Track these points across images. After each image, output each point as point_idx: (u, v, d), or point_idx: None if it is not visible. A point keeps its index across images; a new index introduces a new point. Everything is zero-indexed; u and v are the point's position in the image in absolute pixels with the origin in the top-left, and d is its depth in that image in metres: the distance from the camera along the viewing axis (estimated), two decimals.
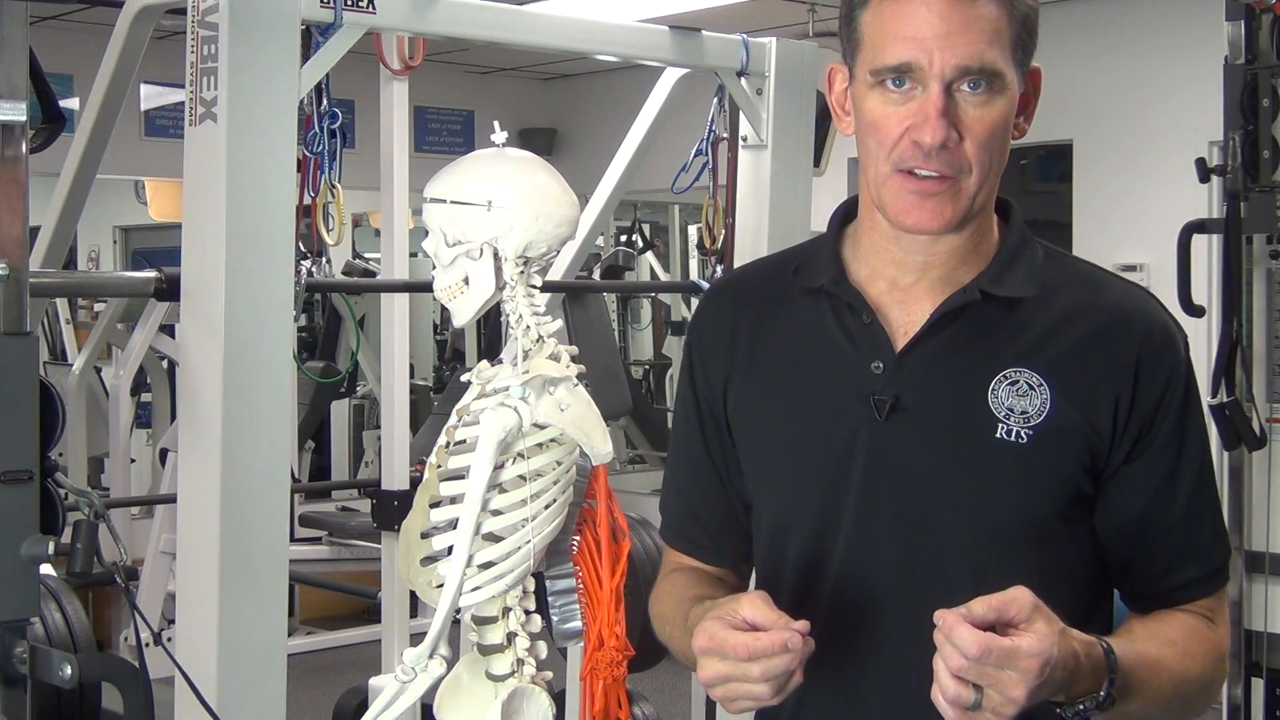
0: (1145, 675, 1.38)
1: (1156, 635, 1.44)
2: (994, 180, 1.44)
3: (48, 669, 2.06)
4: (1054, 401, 1.42)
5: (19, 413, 2.08)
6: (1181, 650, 1.44)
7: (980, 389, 1.42)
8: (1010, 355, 1.43)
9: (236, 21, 2.41)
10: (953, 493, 1.43)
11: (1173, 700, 1.43)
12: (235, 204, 2.43)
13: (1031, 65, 1.46)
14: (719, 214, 3.55)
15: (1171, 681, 1.42)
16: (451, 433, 1.66)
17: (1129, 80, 5.91)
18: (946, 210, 1.41)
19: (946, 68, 1.37)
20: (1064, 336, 1.44)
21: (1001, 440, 1.41)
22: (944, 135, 1.37)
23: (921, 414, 1.44)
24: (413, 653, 1.63)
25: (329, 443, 7.77)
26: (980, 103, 1.39)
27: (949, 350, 1.45)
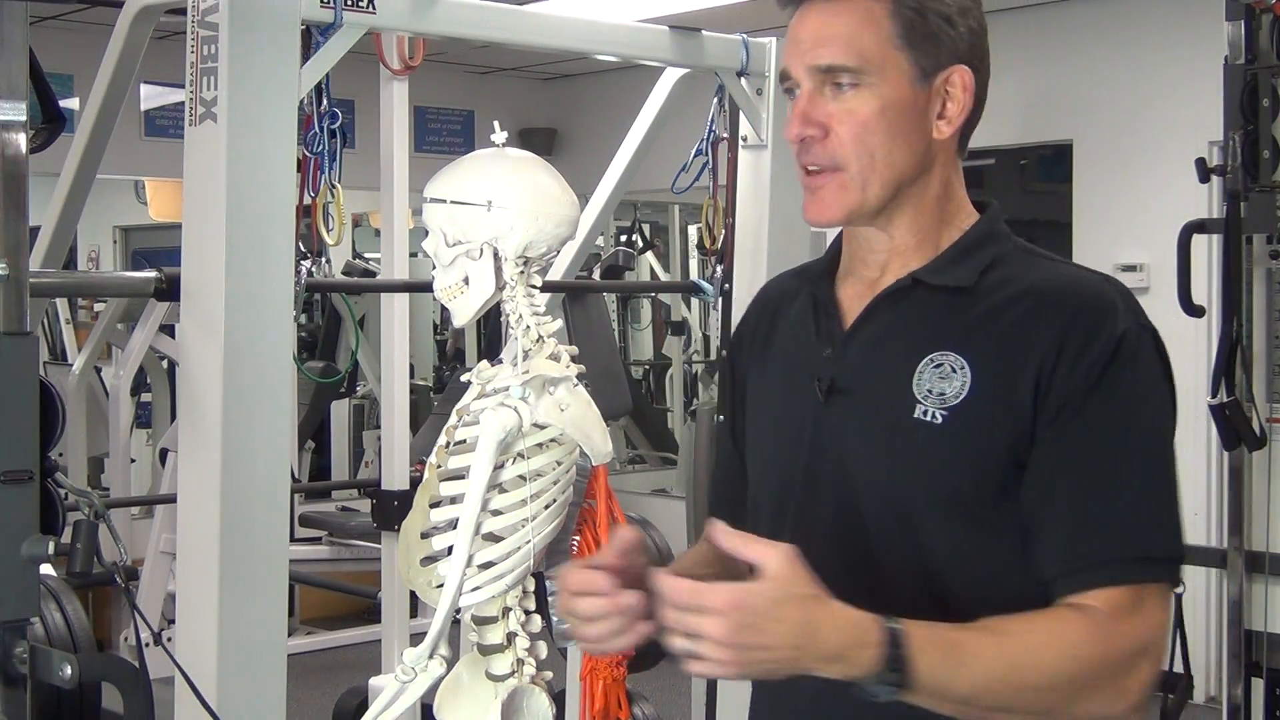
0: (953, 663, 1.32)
1: (988, 625, 1.37)
2: (885, 175, 1.47)
3: (48, 669, 2.06)
4: (974, 384, 1.42)
5: (19, 413, 2.08)
6: (1018, 642, 1.36)
7: (908, 372, 1.45)
8: (938, 340, 1.46)
9: (236, 21, 2.41)
10: (875, 472, 1.47)
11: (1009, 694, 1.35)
12: (235, 204, 2.43)
13: (952, 68, 1.48)
14: (719, 214, 3.55)
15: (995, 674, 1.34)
16: (451, 433, 1.66)
17: (1129, 80, 5.91)
18: (832, 202, 1.49)
19: (803, 69, 1.47)
20: (995, 321, 1.44)
21: (918, 420, 1.43)
22: (798, 129, 1.48)
23: (854, 396, 1.50)
24: (413, 653, 1.63)
25: (329, 443, 7.77)
26: (847, 97, 1.46)
27: (884, 335, 1.50)
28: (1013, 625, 1.37)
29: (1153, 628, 1.41)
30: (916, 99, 1.47)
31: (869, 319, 1.52)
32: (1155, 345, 1.45)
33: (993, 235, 1.52)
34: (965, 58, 1.50)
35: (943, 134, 1.49)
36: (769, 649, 1.28)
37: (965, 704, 1.35)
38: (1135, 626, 1.39)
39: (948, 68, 1.48)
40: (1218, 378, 3.74)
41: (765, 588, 1.29)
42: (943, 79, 1.48)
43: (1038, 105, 6.07)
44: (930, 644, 1.32)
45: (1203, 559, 4.66)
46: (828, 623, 1.30)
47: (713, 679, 3.51)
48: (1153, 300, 5.58)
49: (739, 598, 1.28)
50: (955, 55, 1.49)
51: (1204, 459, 5.54)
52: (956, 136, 1.51)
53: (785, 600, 1.29)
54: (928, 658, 1.31)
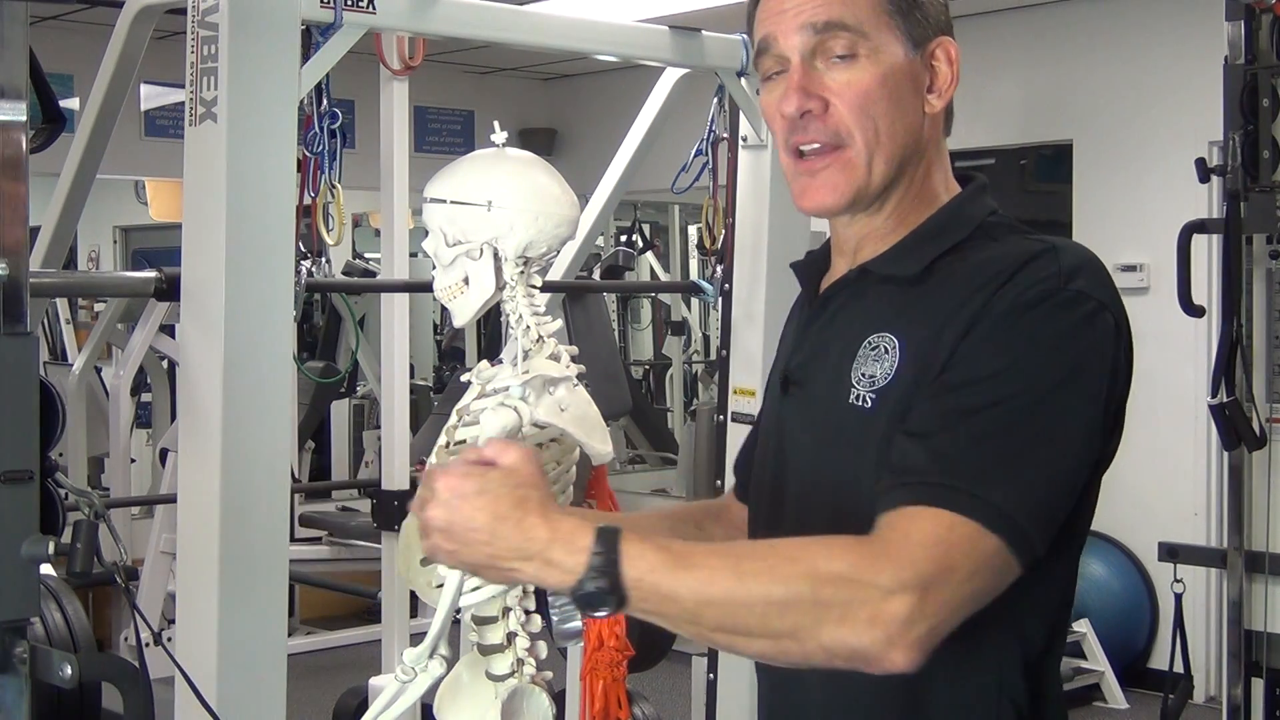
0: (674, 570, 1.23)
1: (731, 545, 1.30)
2: (890, 150, 1.41)
3: (48, 669, 2.06)
4: (901, 363, 1.36)
5: (19, 413, 2.07)
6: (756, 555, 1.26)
7: (849, 359, 1.41)
8: (877, 323, 1.41)
9: (236, 21, 2.41)
10: (816, 461, 1.44)
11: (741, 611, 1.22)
12: (235, 204, 2.43)
13: (938, 39, 1.44)
14: (719, 214, 3.55)
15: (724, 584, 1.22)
16: (451, 433, 1.65)
17: (1129, 80, 5.91)
18: (839, 183, 1.42)
19: (793, 34, 1.41)
20: (930, 298, 1.38)
21: (850, 406, 1.39)
22: (799, 102, 1.40)
23: (804, 388, 1.48)
24: (413, 653, 1.63)
25: (329, 443, 7.77)
26: (845, 68, 1.40)
27: (832, 325, 1.47)
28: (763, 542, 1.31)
29: (939, 564, 1.22)
30: (911, 69, 1.42)
31: (823, 309, 1.49)
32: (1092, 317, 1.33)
33: (956, 220, 1.44)
34: (946, 29, 1.45)
35: (934, 108, 1.45)
36: (473, 534, 1.25)
37: (695, 617, 1.23)
38: (913, 553, 1.22)
39: (935, 38, 1.44)
40: (1218, 378, 3.74)
41: (488, 475, 1.27)
42: (931, 49, 1.44)
43: (1038, 105, 6.07)
44: (647, 549, 1.23)
45: (1203, 559, 4.67)
46: (538, 519, 1.25)
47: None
48: (1153, 300, 5.61)
49: (456, 480, 1.26)
50: (938, 27, 1.44)
51: (1204, 459, 5.55)
52: (943, 112, 1.47)
53: (501, 490, 1.26)
54: (644, 562, 1.22)
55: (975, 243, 1.41)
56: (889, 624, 1.20)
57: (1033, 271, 1.33)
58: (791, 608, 1.22)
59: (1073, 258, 1.36)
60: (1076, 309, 1.32)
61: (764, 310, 3.38)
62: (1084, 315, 1.32)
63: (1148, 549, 5.18)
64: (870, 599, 1.21)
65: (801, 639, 1.22)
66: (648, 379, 9.04)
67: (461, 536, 1.26)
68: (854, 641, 1.21)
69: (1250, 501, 3.84)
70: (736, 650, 1.28)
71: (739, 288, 3.44)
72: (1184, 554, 4.21)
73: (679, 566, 1.23)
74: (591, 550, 1.23)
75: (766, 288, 3.38)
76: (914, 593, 1.21)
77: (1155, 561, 4.73)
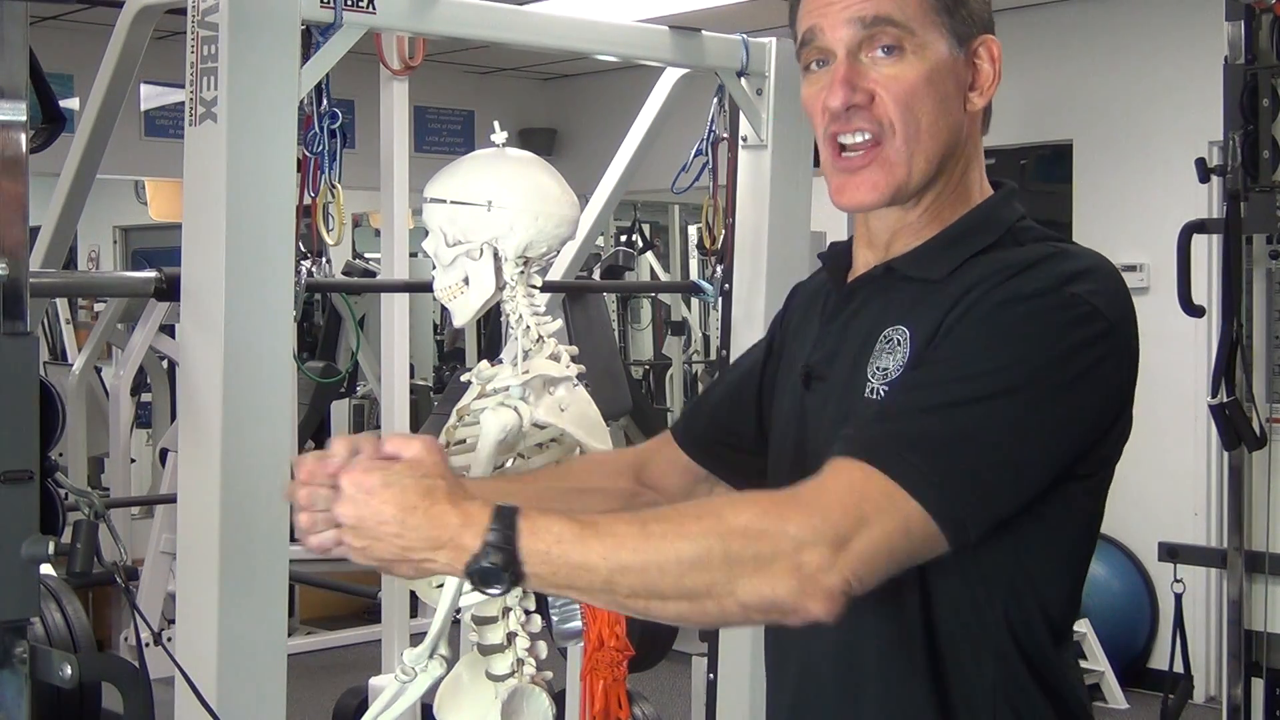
0: (578, 540, 1.21)
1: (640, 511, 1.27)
2: (930, 148, 1.41)
3: (48, 669, 2.06)
4: (910, 353, 1.37)
5: (19, 413, 2.07)
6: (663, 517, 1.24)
7: (866, 354, 1.41)
8: (892, 316, 1.41)
9: (236, 21, 2.41)
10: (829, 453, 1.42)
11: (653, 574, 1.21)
12: (235, 204, 2.43)
13: (981, 36, 1.44)
14: (719, 214, 3.55)
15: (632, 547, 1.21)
16: (451, 433, 1.66)
17: (1129, 80, 5.91)
18: (878, 180, 1.41)
19: (840, 27, 1.40)
20: (945, 293, 1.38)
21: (867, 399, 1.39)
22: (845, 95, 1.40)
23: (825, 381, 1.47)
24: (413, 653, 1.63)
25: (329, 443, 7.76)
26: (891, 63, 1.40)
27: (851, 319, 1.47)
28: (671, 506, 1.30)
29: (851, 516, 1.22)
30: (955, 67, 1.42)
31: (847, 303, 1.49)
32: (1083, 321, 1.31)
33: (986, 223, 1.44)
34: (989, 26, 1.46)
35: (975, 106, 1.45)
36: (383, 526, 1.23)
37: (609, 585, 1.21)
38: (827, 505, 1.22)
39: (979, 36, 1.44)
40: (1218, 378, 3.74)
41: (392, 469, 1.25)
42: (973, 47, 1.44)
43: (1038, 105, 6.07)
44: (549, 523, 1.22)
45: (1203, 559, 4.67)
46: (447, 507, 1.23)
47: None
48: (1153, 300, 5.61)
49: (360, 475, 1.25)
50: (983, 25, 1.45)
51: (1204, 459, 5.55)
52: (983, 110, 1.47)
53: (406, 482, 1.24)
54: (546, 534, 1.21)
55: (1001, 248, 1.41)
56: (803, 572, 1.20)
57: (1037, 271, 1.34)
58: (703, 564, 1.20)
59: (1080, 263, 1.37)
60: (1069, 310, 1.32)
61: (764, 310, 3.38)
62: (1075, 317, 1.32)
63: (1148, 549, 5.18)
64: (782, 549, 1.20)
65: (718, 595, 1.21)
66: (648, 379, 9.03)
67: (372, 531, 1.24)
68: (769, 592, 1.20)
69: (1250, 501, 3.84)
70: (654, 616, 1.25)
71: (739, 288, 3.44)
72: (1184, 554, 4.21)
73: (587, 536, 1.21)
74: (488, 526, 1.22)
75: (766, 288, 3.37)
76: (827, 542, 1.20)
77: (1155, 561, 4.73)
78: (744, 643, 3.24)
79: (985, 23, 1.45)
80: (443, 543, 1.23)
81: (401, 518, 1.23)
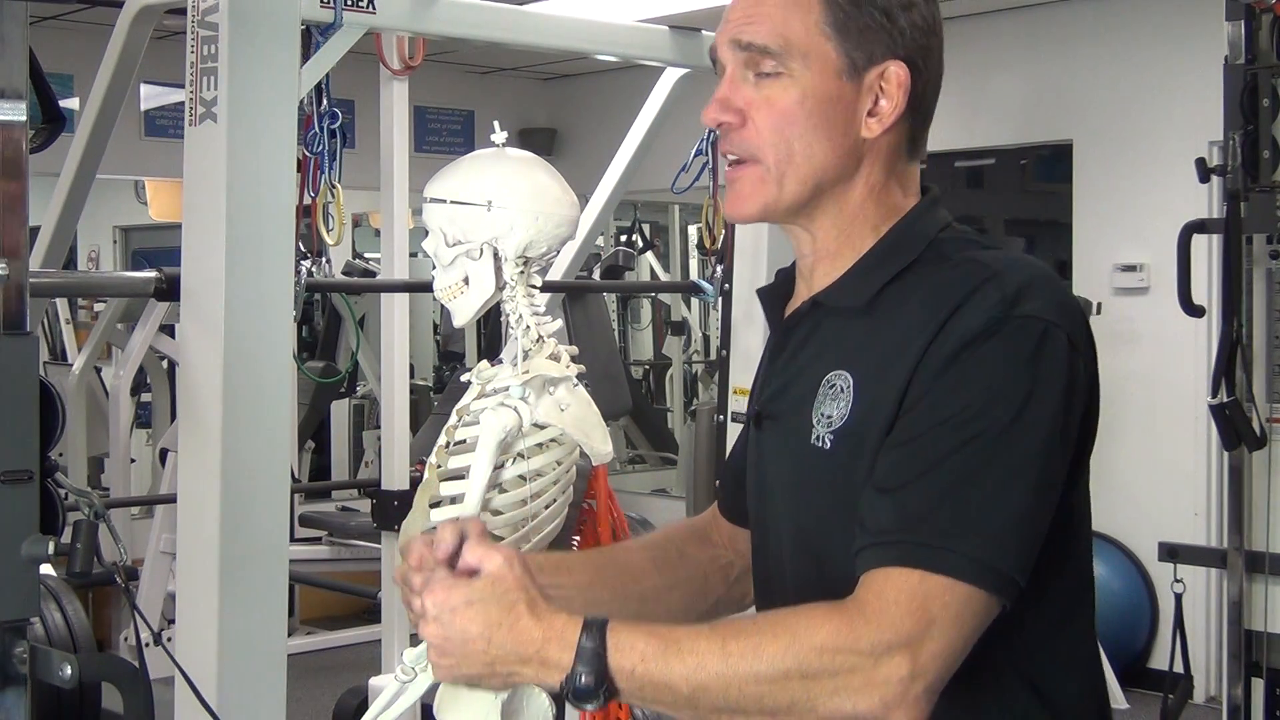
0: (662, 657, 1.24)
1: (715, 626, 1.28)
2: (804, 171, 1.40)
3: (48, 669, 2.06)
4: (855, 403, 1.35)
5: (19, 413, 2.07)
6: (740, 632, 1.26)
7: (810, 397, 1.40)
8: (833, 360, 1.40)
9: (236, 21, 2.41)
10: (784, 498, 1.45)
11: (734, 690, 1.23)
12: (235, 204, 2.44)
13: (886, 63, 1.39)
14: (719, 214, 3.55)
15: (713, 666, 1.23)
16: (451, 433, 1.66)
17: (1129, 80, 5.91)
18: (750, 195, 1.42)
19: (725, 46, 1.41)
20: (879, 334, 1.37)
21: (813, 447, 1.38)
22: (715, 114, 1.41)
23: (774, 423, 1.47)
24: (413, 653, 1.62)
25: (329, 443, 7.77)
26: (768, 84, 1.40)
27: (794, 359, 1.47)
28: (747, 619, 1.30)
29: (919, 620, 1.23)
30: (843, 93, 1.39)
31: (787, 339, 1.49)
32: (1043, 338, 1.30)
33: (902, 242, 1.42)
34: (904, 54, 1.40)
35: (872, 132, 1.40)
36: (470, 644, 1.27)
37: (692, 702, 1.25)
38: (894, 614, 1.23)
39: (882, 62, 1.39)
40: (1218, 378, 3.74)
41: (474, 585, 1.29)
42: (875, 74, 1.39)
43: (1038, 105, 6.07)
44: (635, 638, 1.25)
45: (1203, 559, 4.66)
46: (530, 622, 1.27)
47: None
48: (1153, 300, 5.62)
49: (443, 595, 1.29)
50: (891, 50, 1.39)
51: (1204, 459, 5.54)
52: (896, 136, 1.42)
53: (490, 598, 1.28)
54: (633, 652, 1.24)
55: (923, 265, 1.39)
56: (885, 687, 1.22)
57: (977, 303, 1.32)
58: (782, 684, 1.23)
59: (1017, 278, 1.33)
60: (1026, 334, 1.30)
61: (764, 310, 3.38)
62: (1035, 339, 1.30)
63: (1148, 549, 5.18)
64: (860, 666, 1.22)
65: (799, 712, 1.24)
66: (648, 379, 9.03)
67: (459, 650, 1.29)
68: (852, 709, 1.23)
69: (1250, 501, 3.84)
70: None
71: (739, 288, 3.44)
72: (1184, 554, 4.21)
73: (669, 654, 1.24)
74: (579, 643, 1.25)
75: None
76: (903, 652, 1.22)
77: (1155, 561, 4.72)
78: None
79: (897, 49, 1.39)
80: (528, 657, 1.27)
81: (487, 634, 1.27)
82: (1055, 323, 1.31)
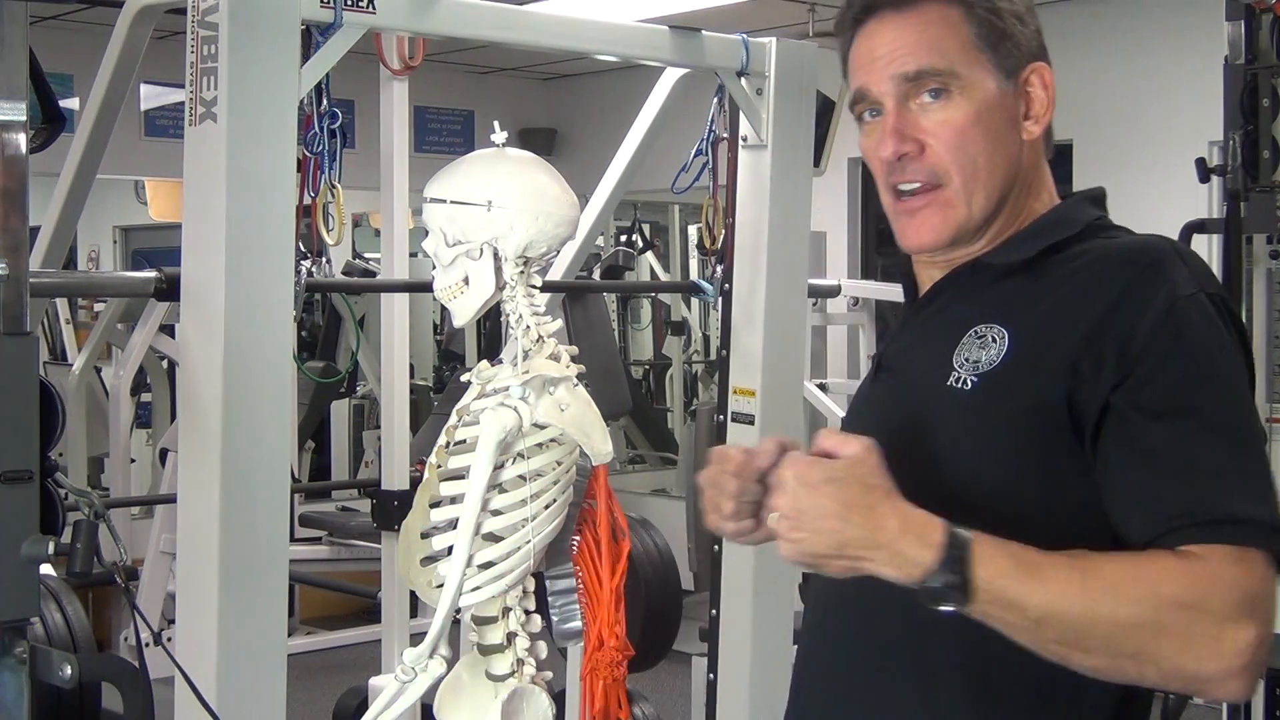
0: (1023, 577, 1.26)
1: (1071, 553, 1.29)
2: (990, 184, 1.45)
3: (48, 669, 2.06)
4: (1011, 350, 1.38)
5: (19, 413, 2.08)
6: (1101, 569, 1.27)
7: (950, 346, 1.43)
8: (985, 314, 1.43)
9: (236, 21, 2.41)
10: (909, 442, 1.45)
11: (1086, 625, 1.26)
12: (235, 204, 2.43)
13: (1031, 64, 1.48)
14: (719, 214, 3.55)
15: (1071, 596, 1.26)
16: (451, 433, 1.66)
17: (1129, 80, 5.91)
18: (935, 221, 1.45)
19: (885, 82, 1.44)
20: (1045, 293, 1.41)
21: (949, 388, 1.40)
22: (895, 146, 1.44)
23: (896, 373, 1.51)
24: (413, 653, 1.63)
25: (329, 443, 7.77)
26: (940, 107, 1.43)
27: (935, 315, 1.50)
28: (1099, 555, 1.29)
29: (1258, 583, 1.26)
30: (1005, 101, 1.46)
31: (930, 302, 1.52)
32: (1217, 309, 1.37)
33: (1063, 221, 1.49)
34: (1039, 54, 1.49)
35: (1032, 134, 1.49)
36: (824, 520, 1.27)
37: (1037, 627, 1.26)
38: (1238, 576, 1.25)
39: (1027, 66, 1.47)
40: None
41: (833, 464, 1.29)
42: (1025, 77, 1.47)
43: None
44: (998, 553, 1.26)
45: None
46: (888, 509, 1.28)
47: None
48: None
49: (803, 468, 1.29)
50: (1031, 54, 1.48)
51: None
52: (1042, 136, 1.51)
53: (849, 479, 1.28)
54: (994, 565, 1.25)
55: (1084, 240, 1.46)
56: (1229, 656, 1.25)
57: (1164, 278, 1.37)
58: (1135, 630, 1.25)
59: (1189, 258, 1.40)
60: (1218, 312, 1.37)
61: (764, 310, 3.38)
62: (1215, 310, 1.37)
63: None
64: (1209, 628, 1.24)
65: (1141, 661, 1.26)
66: (648, 379, 9.03)
67: (811, 524, 1.28)
68: (1195, 669, 1.25)
69: None
70: (1069, 662, 1.29)
71: (739, 288, 3.44)
72: None
73: (1029, 576, 1.26)
74: (944, 545, 1.26)
75: (766, 288, 3.37)
76: (1249, 621, 1.25)
77: None
78: (744, 643, 3.24)
79: (1033, 51, 1.48)
80: (881, 544, 1.27)
81: (843, 513, 1.27)
82: (1223, 296, 1.39)
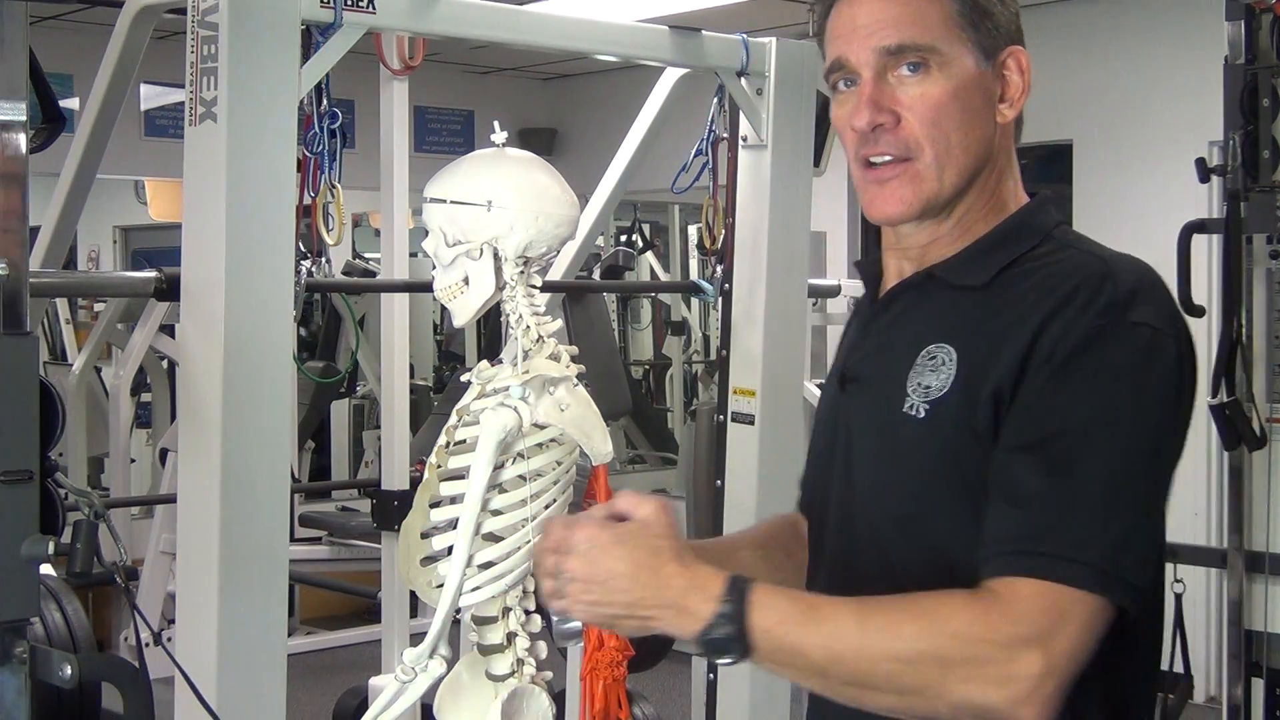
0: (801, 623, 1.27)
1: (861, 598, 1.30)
2: (962, 162, 1.43)
3: (48, 669, 2.06)
4: (958, 376, 1.37)
5: (19, 413, 2.08)
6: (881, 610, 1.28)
7: (907, 365, 1.42)
8: (938, 333, 1.42)
9: (236, 21, 2.41)
10: (871, 463, 1.46)
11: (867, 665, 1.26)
12: (235, 204, 2.43)
13: (1009, 47, 1.46)
14: (719, 214, 3.55)
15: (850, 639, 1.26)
16: (451, 433, 1.66)
17: (1129, 80, 5.91)
18: (906, 193, 1.43)
19: (865, 53, 1.42)
20: (993, 313, 1.39)
21: (904, 414, 1.40)
22: (870, 117, 1.42)
23: (863, 385, 1.50)
24: (413, 653, 1.63)
25: (329, 443, 7.77)
26: (918, 81, 1.42)
27: (895, 326, 1.49)
28: (884, 598, 1.30)
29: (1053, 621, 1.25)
30: (983, 80, 1.44)
31: (887, 308, 1.51)
32: (1154, 348, 1.33)
33: (1023, 229, 1.46)
34: (1017, 38, 1.47)
35: (1005, 118, 1.46)
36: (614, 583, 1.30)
37: (823, 672, 1.27)
38: (1028, 613, 1.25)
39: (1006, 48, 1.45)
40: (1218, 378, 3.74)
41: (623, 528, 1.32)
42: (1002, 60, 1.45)
43: (1038, 105, 6.02)
44: (778, 600, 1.28)
45: (1203, 559, 4.66)
46: (675, 569, 1.30)
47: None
48: None
49: (592, 533, 1.32)
50: (1009, 36, 1.46)
51: (1204, 459, 5.54)
52: (1014, 121, 1.48)
53: (638, 542, 1.31)
54: (773, 613, 1.27)
55: (1040, 253, 1.43)
56: (1017, 683, 1.24)
57: (1090, 298, 1.34)
58: (917, 665, 1.25)
59: (1130, 280, 1.37)
60: (1137, 341, 1.33)
61: (764, 310, 3.38)
62: (1146, 347, 1.33)
63: None
64: (994, 658, 1.24)
65: (928, 696, 1.26)
66: (648, 379, 9.03)
67: (602, 586, 1.31)
68: (982, 699, 1.25)
69: (1250, 501, 3.84)
70: (862, 704, 1.30)
71: (739, 288, 3.44)
72: (1184, 554, 4.20)
73: (807, 620, 1.27)
74: (722, 597, 1.27)
75: (766, 288, 3.38)
76: (1037, 649, 1.24)
77: None
78: None
79: (1011, 34, 1.46)
80: (669, 603, 1.29)
81: (633, 574, 1.30)
82: (1163, 330, 1.35)
